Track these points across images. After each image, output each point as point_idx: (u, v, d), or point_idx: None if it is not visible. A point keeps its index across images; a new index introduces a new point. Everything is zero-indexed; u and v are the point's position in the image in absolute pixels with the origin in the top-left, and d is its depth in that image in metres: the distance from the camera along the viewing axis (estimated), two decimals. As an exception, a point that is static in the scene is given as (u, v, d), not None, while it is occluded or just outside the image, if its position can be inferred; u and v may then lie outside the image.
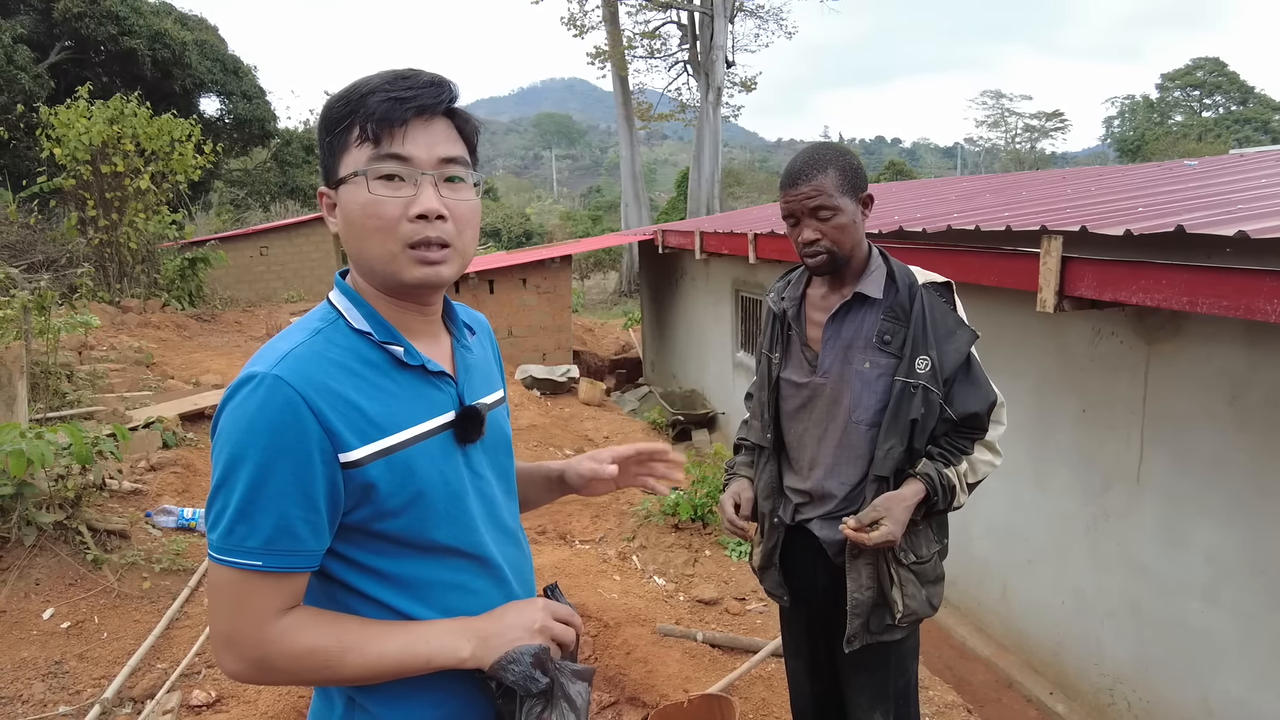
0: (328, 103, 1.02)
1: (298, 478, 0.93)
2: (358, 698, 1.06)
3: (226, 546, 0.94)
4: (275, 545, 0.94)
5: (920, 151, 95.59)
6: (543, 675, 1.03)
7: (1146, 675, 3.22)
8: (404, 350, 1.04)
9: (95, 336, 7.44)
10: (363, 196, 0.98)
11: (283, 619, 0.96)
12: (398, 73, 1.01)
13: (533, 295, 9.45)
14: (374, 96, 0.97)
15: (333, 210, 1.04)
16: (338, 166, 1.01)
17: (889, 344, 1.82)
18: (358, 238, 1.01)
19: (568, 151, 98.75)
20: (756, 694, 3.08)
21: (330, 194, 1.03)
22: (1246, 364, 2.76)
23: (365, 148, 0.98)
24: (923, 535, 1.88)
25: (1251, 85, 42.39)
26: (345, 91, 1.00)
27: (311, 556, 0.97)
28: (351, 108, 0.98)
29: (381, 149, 0.98)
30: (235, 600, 0.95)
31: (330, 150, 1.01)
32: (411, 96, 0.98)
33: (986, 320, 3.86)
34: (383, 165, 0.98)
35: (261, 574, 0.94)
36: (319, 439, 0.94)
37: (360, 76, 1.03)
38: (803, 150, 1.88)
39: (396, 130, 0.98)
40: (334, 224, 1.05)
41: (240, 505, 0.93)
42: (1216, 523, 2.90)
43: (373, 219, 0.98)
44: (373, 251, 1.00)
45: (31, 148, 12.15)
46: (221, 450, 0.94)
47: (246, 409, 0.93)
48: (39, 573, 3.53)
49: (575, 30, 22.66)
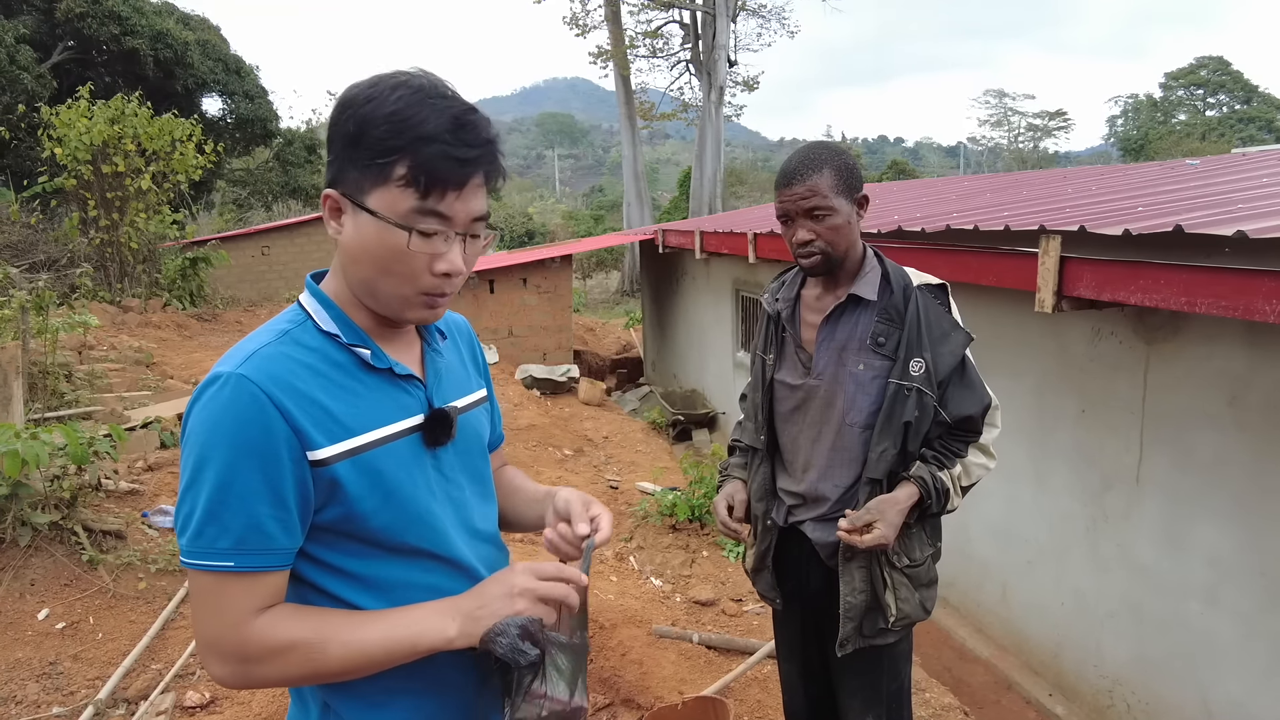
0: (368, 116, 0.94)
1: (266, 475, 0.93)
2: (332, 703, 1.05)
3: (197, 549, 0.93)
4: (246, 544, 0.93)
5: (923, 151, 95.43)
6: (531, 647, 1.00)
7: (1146, 677, 3.20)
8: (371, 353, 1.04)
9: (95, 336, 7.44)
10: (393, 241, 0.96)
11: (260, 617, 0.95)
12: (457, 118, 0.96)
13: (533, 295, 9.44)
14: (432, 147, 0.94)
15: (338, 215, 1.00)
16: (366, 191, 0.96)
17: (883, 346, 1.80)
18: (372, 271, 0.99)
19: (570, 151, 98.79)
20: (752, 696, 3.07)
21: (340, 201, 0.99)
22: (1246, 364, 2.74)
23: (408, 194, 0.95)
24: (916, 538, 1.86)
25: (1255, 84, 42.22)
26: (397, 119, 0.93)
27: (284, 554, 0.96)
28: (404, 146, 0.93)
29: (426, 204, 0.96)
30: (212, 603, 0.94)
31: (358, 166, 0.96)
32: (472, 159, 0.96)
33: (985, 320, 3.84)
34: (425, 222, 0.96)
35: (235, 574, 0.93)
36: (286, 436, 0.94)
37: (408, 92, 0.95)
38: (798, 150, 1.87)
39: (449, 192, 0.96)
40: (335, 230, 1.00)
41: (209, 506, 0.92)
42: (1217, 524, 2.88)
43: (399, 265, 0.98)
44: (385, 289, 1.00)
45: (34, 148, 12.17)
46: (189, 452, 0.93)
47: (212, 409, 0.93)
48: (34, 573, 3.52)
49: (577, 30, 22.66)
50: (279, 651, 0.95)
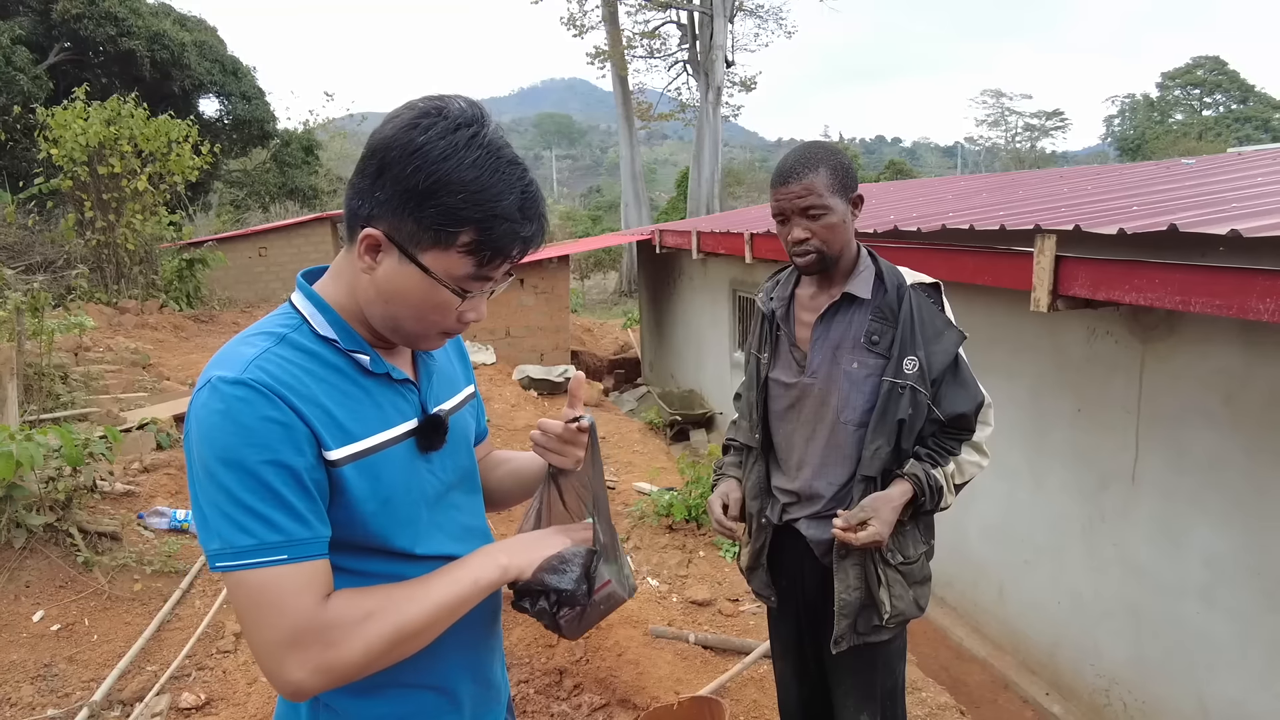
0: (445, 180, 0.93)
1: (294, 470, 0.93)
2: (322, 696, 1.06)
3: (245, 548, 0.90)
4: (295, 536, 0.92)
5: (920, 151, 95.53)
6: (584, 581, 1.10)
7: (1143, 676, 3.20)
8: (369, 359, 1.04)
9: (91, 338, 7.42)
10: (439, 299, 0.99)
11: (331, 600, 0.94)
12: (524, 191, 0.98)
13: (530, 295, 9.42)
14: (503, 225, 0.96)
15: (375, 253, 0.98)
16: (422, 247, 0.96)
17: (877, 344, 1.81)
18: (403, 313, 1.01)
19: (568, 151, 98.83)
20: (748, 696, 3.07)
21: (384, 244, 0.97)
22: (1242, 363, 2.75)
23: (467, 262, 0.97)
24: (910, 536, 1.86)
25: (1252, 84, 42.25)
26: (475, 191, 0.94)
27: (325, 544, 0.96)
28: (477, 220, 0.95)
29: (482, 271, 0.99)
30: (275, 601, 0.91)
31: (419, 222, 0.95)
32: (532, 235, 1.00)
33: (982, 320, 3.84)
34: (475, 285, 1.00)
35: (292, 565, 0.92)
36: (305, 435, 0.94)
37: (483, 155, 0.95)
38: (794, 149, 1.87)
39: (505, 263, 1.00)
40: (368, 266, 0.99)
41: (249, 504, 0.90)
42: (1213, 523, 2.88)
43: (434, 314, 1.01)
44: (410, 327, 1.03)
45: (30, 149, 12.15)
46: (208, 457, 0.91)
47: (228, 411, 0.91)
48: (29, 575, 3.52)
49: (575, 30, 22.68)
50: (359, 622, 0.93)
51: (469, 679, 1.16)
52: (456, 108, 0.96)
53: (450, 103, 0.97)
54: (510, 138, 1.01)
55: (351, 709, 1.06)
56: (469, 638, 1.15)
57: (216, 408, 0.91)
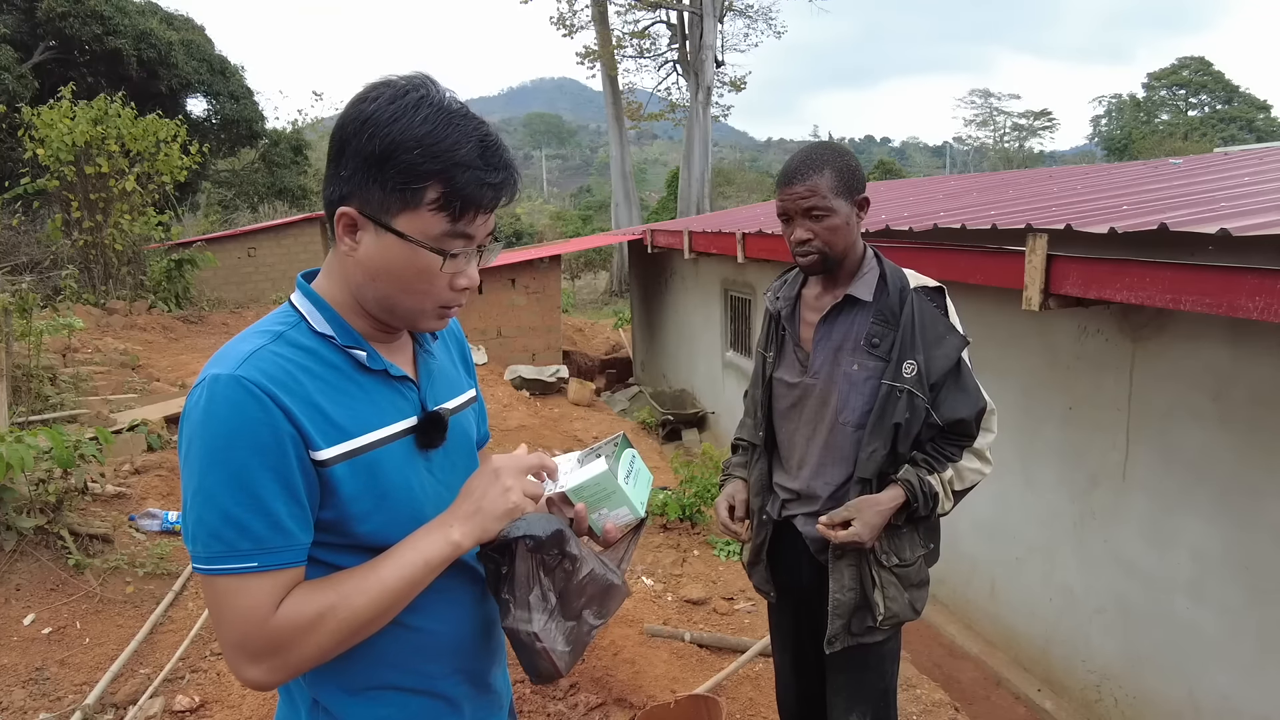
0: (397, 139, 0.93)
1: (279, 474, 0.92)
2: (321, 699, 1.06)
3: (217, 553, 0.91)
4: (268, 543, 0.92)
5: (910, 151, 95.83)
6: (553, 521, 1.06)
7: (1134, 671, 3.23)
8: (366, 355, 1.04)
9: (80, 339, 7.37)
10: (423, 263, 0.98)
11: (282, 606, 0.94)
12: (483, 140, 0.97)
13: (522, 295, 9.41)
14: (466, 173, 0.95)
15: (353, 233, 0.99)
16: (393, 213, 0.96)
17: (877, 347, 1.82)
18: (393, 289, 1.00)
19: (558, 151, 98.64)
20: (744, 694, 3.08)
21: (359, 220, 0.97)
22: (1230, 361, 2.77)
23: (440, 218, 0.96)
24: (907, 539, 1.87)
25: (1236, 84, 42.62)
26: (430, 144, 0.94)
27: (302, 550, 0.96)
28: (438, 171, 0.94)
29: (457, 227, 0.98)
30: (235, 605, 0.92)
31: (384, 188, 0.95)
32: (501, 183, 0.99)
33: (974, 319, 3.86)
34: (454, 244, 0.99)
35: (259, 574, 0.92)
36: (292, 435, 0.93)
37: (433, 111, 0.95)
38: (801, 149, 1.89)
39: (479, 215, 0.99)
40: (349, 248, 0.99)
41: (226, 508, 0.90)
42: (1202, 519, 2.91)
43: (423, 284, 1.00)
44: (404, 305, 1.02)
45: (15, 149, 12.02)
46: (196, 456, 0.91)
47: (217, 410, 0.91)
48: (19, 578, 3.49)
49: (564, 30, 22.61)
50: (310, 626, 0.94)
51: (468, 685, 1.16)
52: (402, 78, 0.99)
53: (397, 77, 0.99)
54: (500, 137, 1.02)
55: (350, 713, 1.06)
56: (467, 645, 1.15)
57: (206, 406, 0.92)
